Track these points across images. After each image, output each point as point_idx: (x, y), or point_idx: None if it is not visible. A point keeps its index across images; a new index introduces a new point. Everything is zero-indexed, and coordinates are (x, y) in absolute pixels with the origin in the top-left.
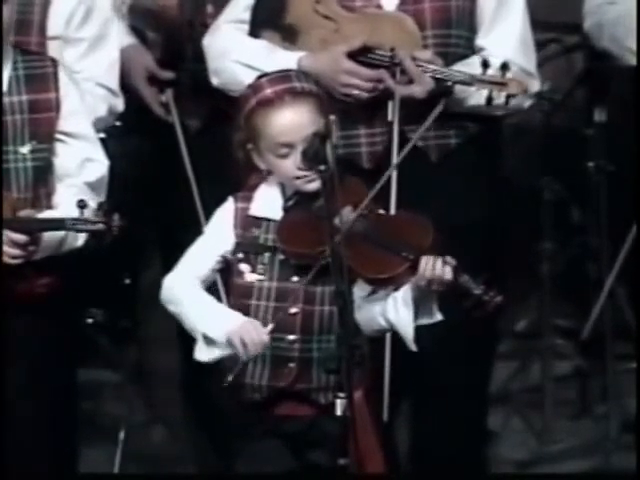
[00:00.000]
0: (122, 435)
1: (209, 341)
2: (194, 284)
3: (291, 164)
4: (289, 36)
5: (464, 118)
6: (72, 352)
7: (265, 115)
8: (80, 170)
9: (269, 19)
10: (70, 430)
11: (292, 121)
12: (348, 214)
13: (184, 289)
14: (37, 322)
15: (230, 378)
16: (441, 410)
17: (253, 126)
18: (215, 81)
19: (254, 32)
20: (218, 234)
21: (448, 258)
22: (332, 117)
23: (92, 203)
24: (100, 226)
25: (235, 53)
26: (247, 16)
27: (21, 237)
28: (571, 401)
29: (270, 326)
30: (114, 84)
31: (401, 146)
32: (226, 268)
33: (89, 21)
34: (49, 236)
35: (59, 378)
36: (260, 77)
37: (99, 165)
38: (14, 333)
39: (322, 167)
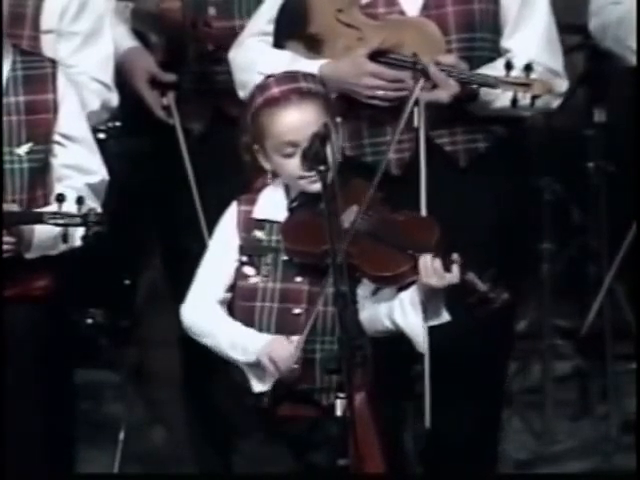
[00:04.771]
0: (122, 435)
1: (252, 370)
2: (216, 311)
3: (296, 164)
4: (313, 46)
5: (492, 122)
6: (71, 352)
7: (271, 114)
8: (78, 173)
9: (293, 30)
10: (68, 430)
11: (298, 120)
12: (353, 213)
13: (209, 321)
14: (36, 322)
15: (266, 400)
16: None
17: (259, 125)
18: (241, 94)
19: (278, 44)
20: (225, 248)
21: (454, 255)
22: (338, 119)
23: (91, 203)
24: (77, 220)
25: (259, 65)
26: (270, 28)
27: None
28: (571, 401)
29: (295, 338)
30: (108, 79)
31: (428, 152)
32: None
33: (83, 15)
34: (42, 233)
35: (57, 378)
36: (267, 77)
37: (97, 169)
38: (12, 333)
39: (322, 167)
